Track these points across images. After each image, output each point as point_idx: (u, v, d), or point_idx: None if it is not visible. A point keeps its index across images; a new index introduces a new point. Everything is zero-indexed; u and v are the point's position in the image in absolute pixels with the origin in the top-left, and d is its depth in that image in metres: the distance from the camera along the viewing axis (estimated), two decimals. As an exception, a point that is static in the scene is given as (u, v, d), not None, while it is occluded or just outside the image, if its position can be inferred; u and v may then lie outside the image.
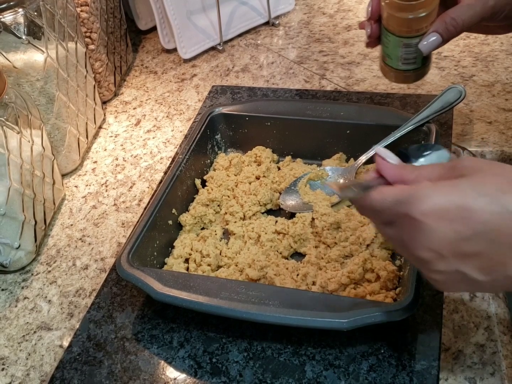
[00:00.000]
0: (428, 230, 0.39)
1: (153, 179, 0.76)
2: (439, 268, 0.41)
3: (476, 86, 0.86)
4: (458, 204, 0.38)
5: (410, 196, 0.40)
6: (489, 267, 0.39)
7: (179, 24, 0.95)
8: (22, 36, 0.67)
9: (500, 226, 0.38)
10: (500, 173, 0.39)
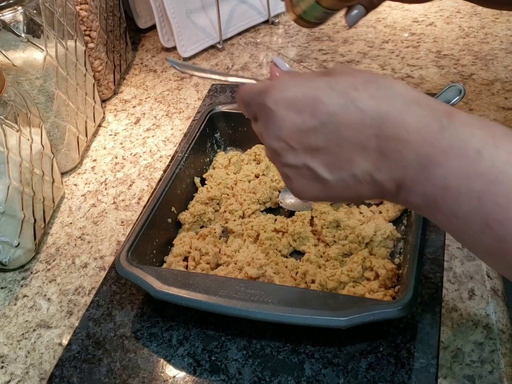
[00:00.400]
0: (278, 118, 0.40)
1: (152, 178, 0.76)
2: (289, 161, 0.41)
3: (475, 85, 0.86)
4: (308, 95, 0.39)
5: (268, 87, 0.41)
6: (336, 164, 0.39)
7: (179, 22, 0.95)
8: (22, 34, 0.67)
9: (344, 119, 0.37)
10: (360, 75, 0.39)
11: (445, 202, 0.36)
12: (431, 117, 0.36)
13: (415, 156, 0.36)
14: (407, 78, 0.88)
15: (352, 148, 0.38)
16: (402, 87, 0.38)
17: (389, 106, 0.37)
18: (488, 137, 0.35)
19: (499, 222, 0.34)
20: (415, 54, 0.94)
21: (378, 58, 0.94)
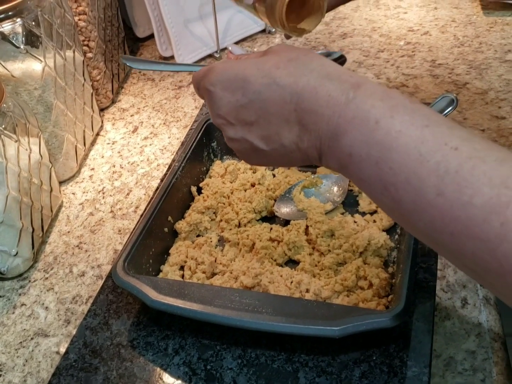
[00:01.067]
0: (217, 98, 0.45)
1: (149, 186, 0.77)
2: (230, 135, 0.46)
3: (469, 94, 0.87)
4: (239, 76, 0.44)
5: (208, 71, 0.46)
6: (268, 136, 0.44)
7: (177, 32, 0.96)
8: (20, 45, 0.68)
9: (269, 96, 0.42)
10: (286, 54, 0.44)
11: (352, 167, 0.40)
12: (340, 91, 0.40)
13: (327, 126, 0.40)
14: (402, 87, 0.89)
15: (278, 122, 0.43)
16: (317, 63, 0.42)
17: (304, 82, 0.41)
18: (387, 108, 0.38)
19: (393, 185, 0.37)
20: (410, 63, 0.95)
21: (374, 67, 0.95)
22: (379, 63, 0.96)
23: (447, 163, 0.35)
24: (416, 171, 0.36)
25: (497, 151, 0.35)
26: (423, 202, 0.36)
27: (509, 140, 0.78)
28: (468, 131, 0.37)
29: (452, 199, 0.34)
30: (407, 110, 0.38)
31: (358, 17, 1.08)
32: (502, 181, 0.33)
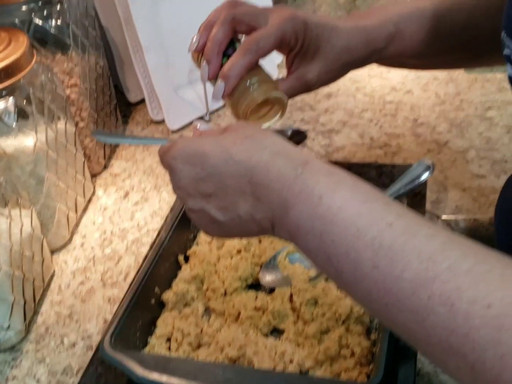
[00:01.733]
0: (177, 171, 0.49)
1: (139, 253, 0.79)
2: (190, 206, 0.49)
3: (451, 153, 0.89)
4: (199, 151, 0.47)
5: (170, 147, 0.50)
6: (225, 207, 0.47)
7: (167, 98, 0.99)
8: (13, 123, 0.71)
9: (226, 170, 0.46)
10: (242, 131, 0.48)
11: (300, 238, 0.42)
12: (289, 167, 0.43)
13: (278, 199, 0.43)
14: (385, 147, 0.92)
15: (235, 194, 0.46)
16: (270, 141, 0.46)
17: (258, 158, 0.45)
18: (330, 184, 0.41)
19: (335, 256, 0.40)
20: (392, 122, 0.98)
21: (357, 127, 0.98)
22: (363, 122, 0.99)
23: (381, 238, 0.37)
24: (354, 245, 0.39)
25: (427, 227, 0.38)
26: (361, 274, 0.38)
27: (490, 199, 0.80)
28: (403, 208, 0.40)
29: (386, 272, 0.37)
30: (348, 186, 0.41)
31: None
32: (429, 256, 0.35)
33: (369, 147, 0.93)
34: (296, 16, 0.59)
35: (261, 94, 0.58)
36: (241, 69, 0.57)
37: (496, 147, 0.89)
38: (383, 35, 0.63)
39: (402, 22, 0.65)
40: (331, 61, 0.62)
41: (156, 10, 0.95)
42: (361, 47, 0.63)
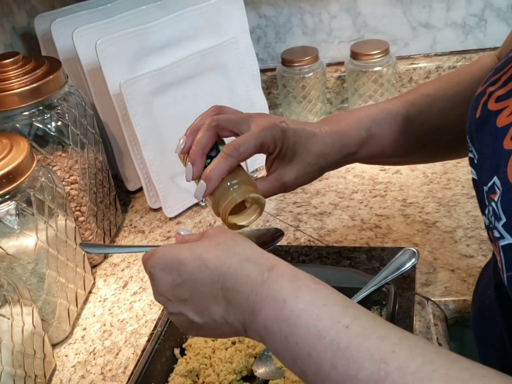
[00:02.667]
0: (156, 278, 0.52)
1: (138, 345, 0.81)
2: (170, 310, 0.53)
3: (439, 233, 0.92)
4: (175, 259, 0.51)
5: (149, 255, 0.54)
6: (201, 311, 0.50)
7: (164, 187, 1.03)
8: (14, 226, 0.75)
9: (199, 277, 0.49)
10: (215, 239, 0.52)
11: (268, 339, 0.46)
12: (257, 272, 0.47)
13: (247, 303, 0.47)
14: (375, 229, 0.95)
15: (208, 298, 0.50)
16: (240, 248, 0.50)
17: (228, 265, 0.49)
18: (293, 288, 0.45)
19: (299, 358, 0.43)
20: (382, 203, 1.01)
21: (348, 209, 1.01)
22: (353, 204, 1.02)
23: (339, 340, 0.41)
24: (315, 347, 0.42)
25: (381, 329, 0.41)
26: (322, 374, 0.41)
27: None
28: (360, 310, 0.44)
29: (343, 373, 0.40)
30: (310, 290, 0.45)
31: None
32: (381, 357, 0.39)
33: (360, 229, 0.95)
34: (276, 125, 0.63)
35: (240, 195, 0.61)
36: (222, 172, 0.61)
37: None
38: (355, 140, 0.68)
39: (374, 126, 0.69)
40: (307, 165, 0.67)
41: (151, 106, 1.00)
42: (335, 153, 0.67)
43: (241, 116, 0.65)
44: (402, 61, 1.29)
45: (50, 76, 0.87)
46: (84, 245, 0.62)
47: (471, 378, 0.36)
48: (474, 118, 0.53)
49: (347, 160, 0.69)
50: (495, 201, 0.45)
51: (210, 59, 1.06)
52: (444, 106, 0.68)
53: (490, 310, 0.60)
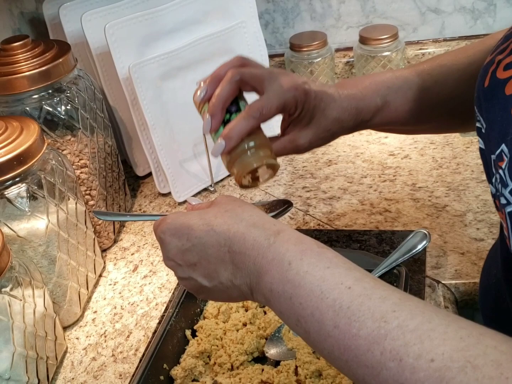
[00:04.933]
0: (166, 243, 0.53)
1: (148, 327, 0.81)
2: (180, 275, 0.54)
3: (449, 217, 0.92)
4: (185, 225, 0.52)
5: (160, 221, 0.55)
6: (209, 274, 0.51)
7: (173, 172, 1.03)
8: (25, 208, 0.75)
9: (208, 241, 0.51)
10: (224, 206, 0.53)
11: (273, 301, 0.47)
12: (263, 237, 0.49)
13: (254, 266, 0.48)
14: (385, 213, 0.95)
15: (216, 262, 0.51)
16: (247, 214, 0.51)
17: (235, 229, 0.50)
18: (298, 251, 0.46)
19: (303, 317, 0.44)
20: (391, 187, 1.01)
21: (358, 194, 1.01)
22: (362, 189, 1.02)
23: (341, 300, 0.42)
24: (318, 306, 0.43)
25: (382, 290, 0.42)
26: (324, 333, 0.42)
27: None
28: (362, 272, 0.45)
29: (345, 331, 0.41)
30: (314, 253, 0.46)
31: (342, 143, 1.16)
32: (382, 316, 0.39)
33: (370, 213, 0.95)
34: (299, 86, 0.63)
35: (257, 160, 0.61)
36: (242, 132, 0.61)
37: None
38: (371, 107, 0.68)
39: (390, 94, 0.69)
40: (322, 130, 0.66)
41: (160, 91, 1.00)
42: (350, 119, 0.67)
43: (264, 72, 0.64)
44: (411, 46, 1.28)
45: (60, 59, 0.87)
46: (98, 212, 0.63)
47: (469, 335, 0.37)
48: (483, 87, 0.53)
49: (361, 127, 0.69)
50: (502, 168, 0.45)
51: (219, 43, 1.06)
52: (460, 77, 0.68)
53: (496, 289, 0.61)
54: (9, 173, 0.73)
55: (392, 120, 0.70)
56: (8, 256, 0.68)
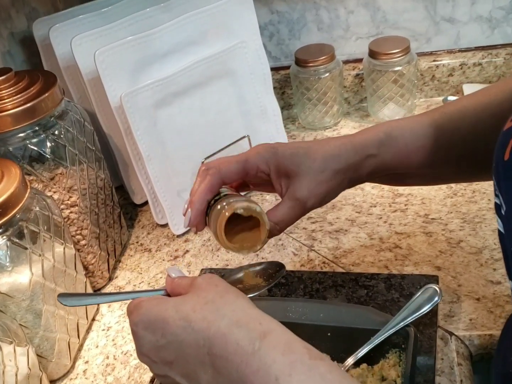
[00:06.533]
0: (139, 337, 0.49)
1: (141, 382, 0.76)
2: (156, 372, 0.50)
3: (464, 254, 0.85)
4: (159, 318, 0.48)
5: (133, 307, 0.51)
6: (187, 374, 0.47)
7: (170, 204, 0.98)
8: (6, 263, 0.70)
9: (185, 339, 0.46)
10: (204, 294, 0.48)
11: None
12: (247, 340, 0.44)
13: (237, 374, 0.43)
14: (395, 249, 0.88)
15: (195, 363, 0.46)
16: (229, 309, 0.46)
17: (216, 328, 0.45)
18: (286, 364, 0.42)
19: None
20: (402, 219, 0.94)
21: (366, 226, 0.95)
22: (371, 220, 0.96)
23: None
24: None
25: None
26: None
27: (505, 310, 0.76)
28: None
29: None
30: (305, 367, 0.42)
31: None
32: None
33: (379, 249, 0.89)
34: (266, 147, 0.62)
35: (229, 208, 0.57)
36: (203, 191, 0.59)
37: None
38: (373, 141, 0.63)
39: (394, 130, 0.64)
40: (316, 173, 0.62)
41: (155, 120, 0.95)
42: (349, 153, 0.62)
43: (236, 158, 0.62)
44: (424, 57, 1.21)
45: (46, 93, 0.82)
46: (63, 296, 0.58)
47: None
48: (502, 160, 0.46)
49: (369, 164, 0.63)
50: None
51: (218, 65, 1.00)
52: (478, 115, 0.61)
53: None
54: (-17, 225, 0.68)
55: (403, 156, 0.64)
56: (-15, 320, 0.64)
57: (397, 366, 0.66)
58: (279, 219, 0.62)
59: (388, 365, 0.66)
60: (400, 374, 0.64)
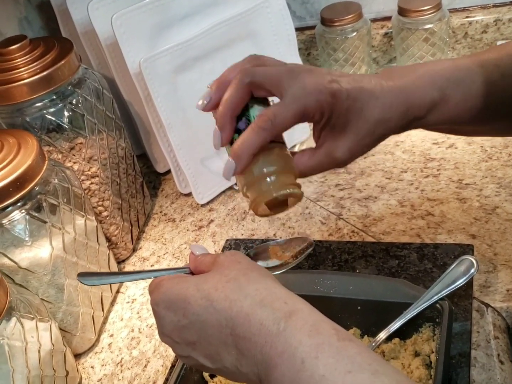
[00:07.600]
0: (160, 318, 0.48)
1: (167, 355, 0.75)
2: (178, 353, 0.48)
3: (500, 221, 0.81)
4: (180, 297, 0.46)
5: (154, 287, 0.49)
6: (211, 355, 0.45)
7: (193, 172, 0.95)
8: (25, 237, 0.68)
9: (207, 319, 0.44)
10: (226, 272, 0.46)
11: None
12: (271, 320, 0.42)
13: (261, 355, 0.41)
14: (427, 216, 0.85)
15: (217, 343, 0.44)
16: (253, 287, 0.44)
17: (238, 308, 0.43)
18: (313, 346, 0.39)
19: None
20: (435, 185, 0.90)
21: (397, 193, 0.91)
22: (402, 186, 0.92)
23: None
24: None
25: None
26: None
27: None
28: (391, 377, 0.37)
29: None
30: (333, 350, 0.39)
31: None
32: None
33: (410, 217, 0.86)
34: (323, 87, 0.51)
35: (277, 189, 0.52)
36: (253, 149, 0.52)
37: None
38: (425, 102, 0.55)
39: (450, 86, 0.56)
40: (363, 136, 0.54)
41: (175, 86, 0.91)
42: (398, 116, 0.54)
43: (282, 71, 0.52)
44: (456, 14, 1.14)
45: (62, 61, 0.79)
46: (82, 275, 0.54)
47: None
48: None
49: (413, 126, 0.56)
50: None
51: (239, 27, 0.95)
52: None
53: None
54: (5, 201, 0.67)
55: (451, 118, 0.57)
56: (6, 296, 0.62)
57: (431, 340, 0.63)
58: (307, 169, 0.56)
59: (421, 339, 0.63)
60: (434, 349, 0.62)
